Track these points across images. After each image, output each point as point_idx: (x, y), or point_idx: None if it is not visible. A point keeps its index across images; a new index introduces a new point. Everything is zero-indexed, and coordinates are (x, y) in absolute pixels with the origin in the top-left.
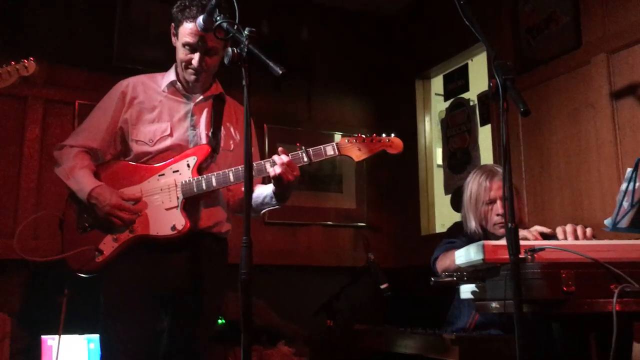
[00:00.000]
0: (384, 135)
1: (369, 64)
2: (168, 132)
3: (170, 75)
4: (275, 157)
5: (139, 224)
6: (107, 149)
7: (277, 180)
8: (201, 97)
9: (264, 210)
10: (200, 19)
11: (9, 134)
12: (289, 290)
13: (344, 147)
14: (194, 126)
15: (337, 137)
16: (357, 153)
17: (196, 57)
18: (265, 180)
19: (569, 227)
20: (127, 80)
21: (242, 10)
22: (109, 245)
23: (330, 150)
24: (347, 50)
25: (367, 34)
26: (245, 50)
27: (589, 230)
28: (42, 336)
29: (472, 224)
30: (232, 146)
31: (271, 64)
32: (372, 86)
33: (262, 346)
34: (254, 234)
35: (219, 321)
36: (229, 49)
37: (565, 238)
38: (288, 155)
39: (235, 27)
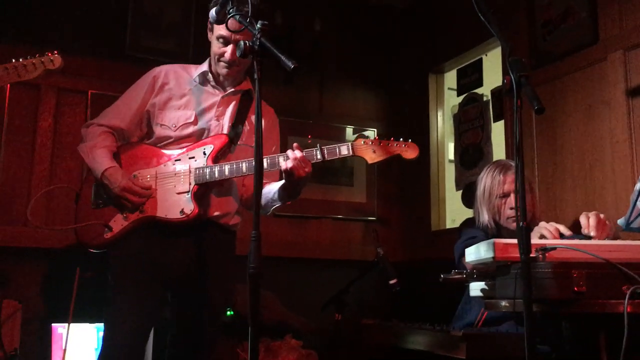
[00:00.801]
0: (401, 139)
1: (382, 57)
2: (192, 119)
3: (203, 67)
4: (289, 152)
5: (149, 205)
6: (134, 131)
7: (289, 174)
8: (230, 90)
9: (274, 207)
10: (213, 10)
11: (22, 122)
12: (298, 283)
13: (359, 147)
14: (218, 118)
15: (349, 130)
16: (371, 155)
17: (229, 50)
18: (281, 177)
19: (592, 220)
20: (161, 67)
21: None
22: (118, 222)
23: (344, 150)
24: (359, 42)
25: (381, 26)
26: (258, 43)
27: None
28: (53, 324)
29: (485, 217)
30: (253, 142)
31: (283, 57)
32: (385, 79)
33: (270, 338)
34: (264, 225)
35: (228, 312)
36: (241, 42)
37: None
38: (302, 151)
39: (248, 19)
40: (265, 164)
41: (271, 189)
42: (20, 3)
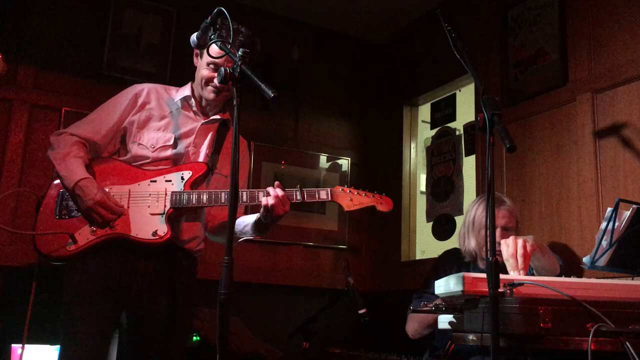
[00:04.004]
0: (375, 192)
1: (358, 87)
2: (171, 142)
3: (185, 91)
4: (270, 189)
5: (120, 222)
6: (107, 146)
7: (268, 211)
8: (210, 118)
9: (240, 240)
10: (194, 36)
11: None
12: (267, 309)
13: (337, 194)
14: (196, 144)
15: (323, 158)
16: (347, 203)
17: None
18: (248, 211)
19: (511, 249)
20: (143, 85)
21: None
22: (84, 235)
23: (323, 194)
24: (336, 72)
25: (358, 57)
26: (238, 70)
27: (529, 246)
28: (12, 345)
29: (472, 245)
30: (227, 172)
31: (263, 86)
32: (360, 109)
33: None
34: (234, 250)
35: (194, 338)
36: (222, 69)
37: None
38: (283, 190)
39: (229, 46)
40: (244, 197)
41: (241, 221)
42: None
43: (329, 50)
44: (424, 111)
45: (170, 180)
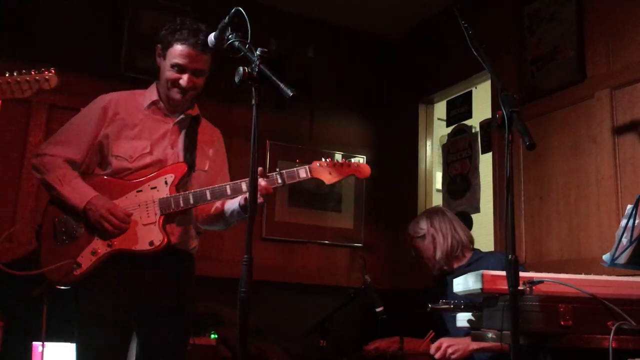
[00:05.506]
0: (352, 160)
1: (373, 85)
2: (148, 149)
3: (152, 94)
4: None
5: (117, 238)
6: (84, 162)
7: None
8: (180, 117)
9: (233, 222)
10: (212, 36)
11: (12, 138)
12: (283, 308)
13: (316, 170)
14: (173, 145)
15: (338, 156)
16: (327, 177)
17: (185, 77)
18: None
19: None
20: (109, 95)
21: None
22: (86, 258)
23: (302, 173)
24: (351, 70)
25: (373, 55)
26: (256, 70)
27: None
28: (34, 342)
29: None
30: (206, 166)
31: (282, 85)
32: (375, 107)
33: None
34: None
35: (212, 336)
36: (240, 68)
37: None
38: (264, 177)
39: (247, 46)
40: (228, 192)
41: (228, 207)
42: (16, 19)
43: (344, 48)
44: (440, 109)
45: (156, 187)
